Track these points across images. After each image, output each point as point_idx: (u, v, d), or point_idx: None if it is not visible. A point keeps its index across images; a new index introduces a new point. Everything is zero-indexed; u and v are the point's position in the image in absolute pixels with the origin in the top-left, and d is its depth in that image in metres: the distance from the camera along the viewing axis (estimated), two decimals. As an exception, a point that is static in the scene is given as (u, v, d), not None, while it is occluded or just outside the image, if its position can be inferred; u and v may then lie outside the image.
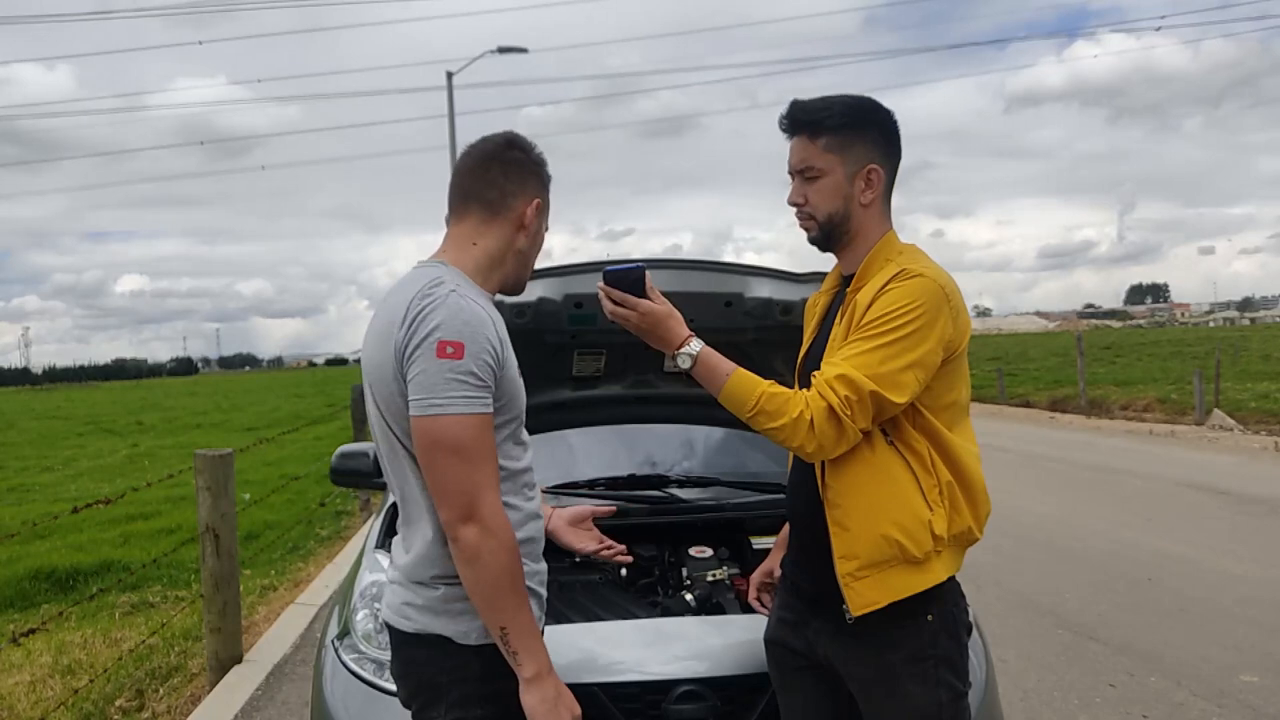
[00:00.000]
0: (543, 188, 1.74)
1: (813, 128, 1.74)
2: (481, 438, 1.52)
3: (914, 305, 1.62)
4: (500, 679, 1.60)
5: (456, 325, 1.51)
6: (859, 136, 1.74)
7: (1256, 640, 4.39)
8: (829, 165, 1.73)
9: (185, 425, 22.42)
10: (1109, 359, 27.64)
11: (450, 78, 19.91)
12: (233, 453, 4.32)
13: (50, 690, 4.07)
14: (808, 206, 1.76)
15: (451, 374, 1.49)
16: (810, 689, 1.84)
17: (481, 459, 1.52)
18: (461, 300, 1.54)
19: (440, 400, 1.49)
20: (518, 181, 1.70)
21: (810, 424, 1.59)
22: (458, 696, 1.59)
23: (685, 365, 1.69)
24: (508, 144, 1.73)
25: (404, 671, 1.67)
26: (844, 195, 1.74)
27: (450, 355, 1.49)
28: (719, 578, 2.41)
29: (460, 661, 1.59)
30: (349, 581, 2.51)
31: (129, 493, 6.00)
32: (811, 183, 1.75)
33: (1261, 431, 12.55)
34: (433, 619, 1.60)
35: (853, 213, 1.75)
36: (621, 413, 3.16)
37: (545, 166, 1.76)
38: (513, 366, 1.64)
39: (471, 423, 1.51)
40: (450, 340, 1.49)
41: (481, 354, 1.52)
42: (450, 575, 1.60)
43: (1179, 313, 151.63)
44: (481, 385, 1.52)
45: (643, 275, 1.71)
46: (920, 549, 1.63)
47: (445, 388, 1.49)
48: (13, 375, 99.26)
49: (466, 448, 1.50)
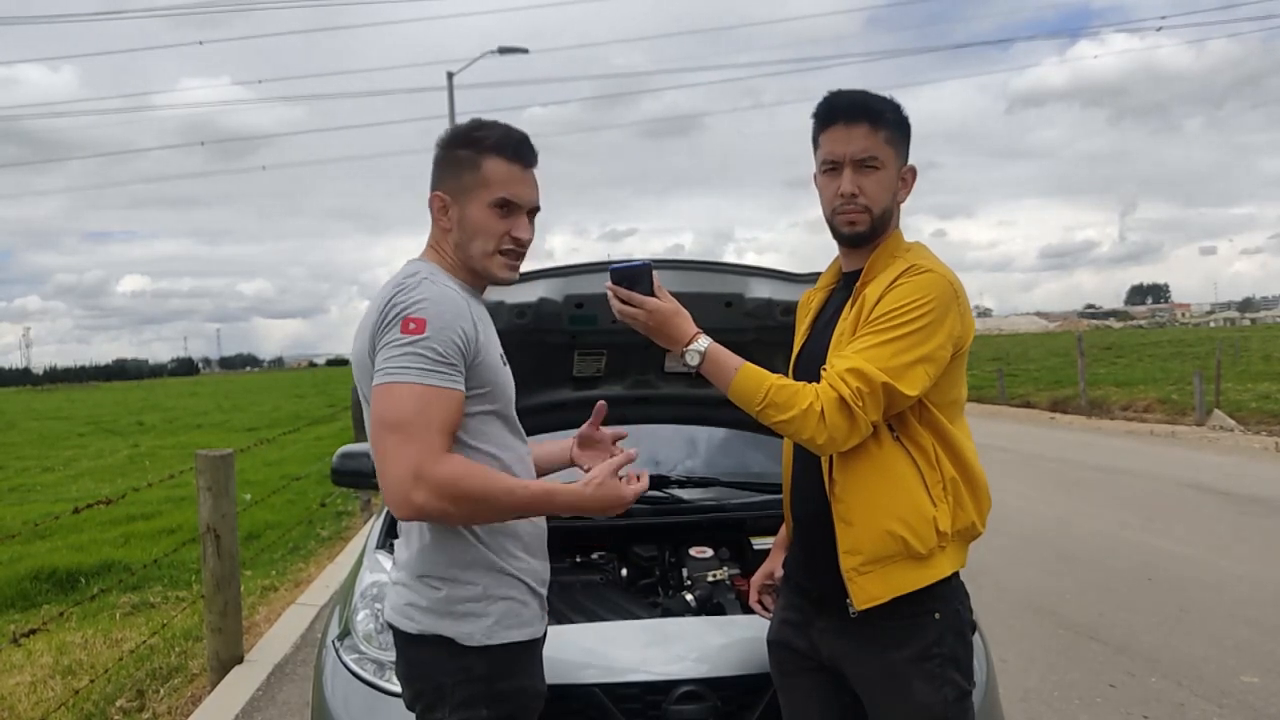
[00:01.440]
0: (453, 174, 1.66)
1: (876, 118, 1.70)
2: (428, 409, 1.50)
3: (925, 300, 1.62)
4: (505, 679, 1.61)
5: (424, 305, 1.53)
6: (904, 135, 1.75)
7: (1257, 641, 4.38)
8: (888, 159, 1.71)
9: (186, 425, 22.43)
10: (1109, 359, 27.65)
11: (451, 78, 19.92)
12: (233, 453, 4.33)
13: (51, 690, 4.08)
14: (863, 198, 1.71)
15: (411, 347, 1.51)
16: (813, 690, 1.84)
17: (425, 429, 1.49)
18: (433, 285, 1.56)
19: (394, 369, 1.51)
20: (431, 185, 1.70)
21: (821, 415, 1.58)
22: (462, 697, 1.59)
23: (694, 362, 1.68)
24: (437, 141, 1.72)
25: (408, 673, 1.67)
26: (892, 190, 1.74)
27: (412, 331, 1.51)
28: (719, 578, 2.42)
29: (464, 663, 1.59)
30: (350, 582, 2.51)
31: (130, 493, 6.01)
32: (869, 174, 1.71)
33: (1262, 432, 12.55)
34: (436, 620, 1.60)
35: (894, 210, 1.75)
36: (622, 413, 3.16)
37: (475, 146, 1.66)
38: (493, 355, 1.63)
39: (420, 392, 1.50)
40: (414, 317, 1.52)
41: (446, 332, 1.52)
42: (450, 576, 1.60)
43: (1179, 313, 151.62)
44: (442, 361, 1.52)
45: (650, 273, 1.71)
46: (925, 545, 1.64)
47: (401, 359, 1.51)
48: (13, 375, 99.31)
49: (407, 417, 1.48)
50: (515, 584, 1.65)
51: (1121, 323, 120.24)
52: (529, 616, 1.66)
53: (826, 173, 1.75)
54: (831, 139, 1.72)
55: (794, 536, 1.91)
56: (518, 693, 1.63)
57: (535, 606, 1.68)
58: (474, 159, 1.65)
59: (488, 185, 1.65)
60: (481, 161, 1.65)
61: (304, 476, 9.60)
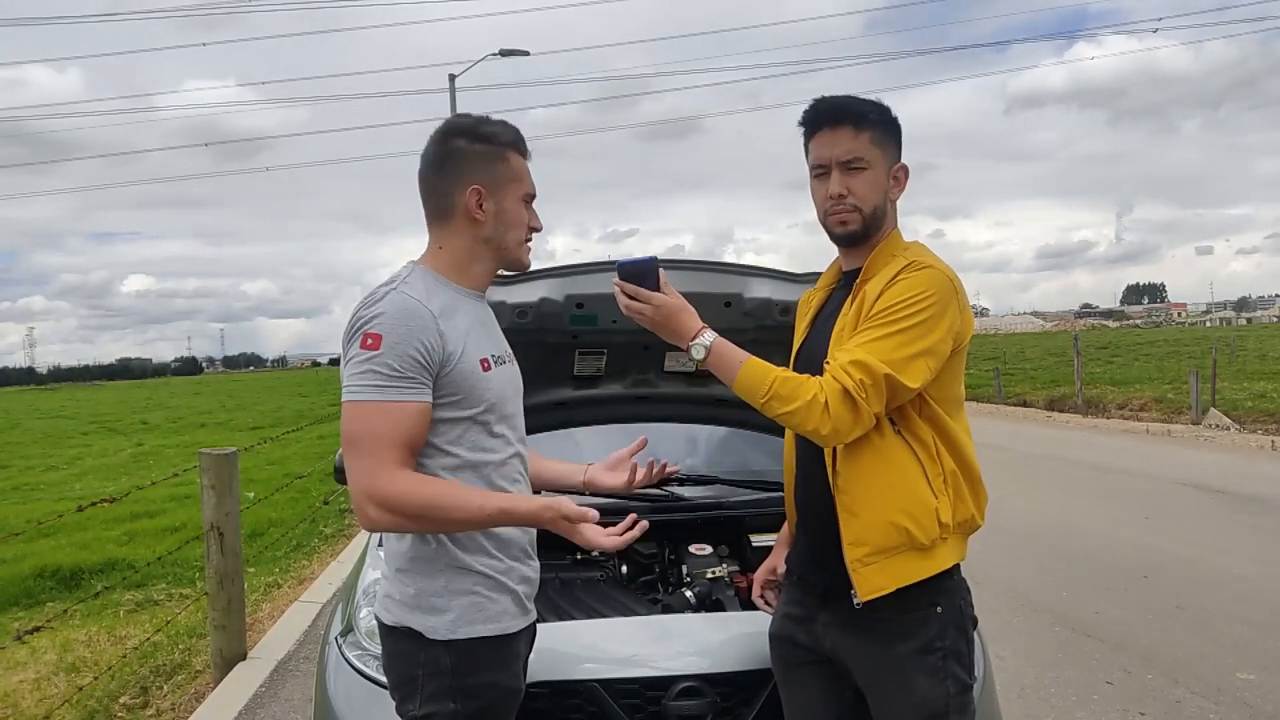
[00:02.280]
0: (488, 165, 1.68)
1: (859, 119, 1.74)
2: (378, 425, 1.54)
3: (925, 294, 1.65)
4: (471, 674, 1.63)
5: (383, 319, 1.55)
6: (892, 135, 1.78)
7: (1253, 638, 4.41)
8: (874, 159, 1.75)
9: (190, 424, 22.46)
10: (1106, 359, 27.66)
11: (453, 80, 19.94)
12: (237, 452, 4.36)
13: (55, 687, 4.10)
14: (852, 198, 1.75)
15: (367, 364, 1.54)
16: (815, 684, 1.86)
17: (375, 443, 1.54)
18: (399, 296, 1.58)
19: (351, 387, 1.55)
20: (452, 177, 1.67)
21: (825, 406, 1.61)
22: (431, 690, 1.62)
23: (699, 356, 1.70)
24: (442, 138, 1.70)
25: (388, 664, 1.71)
26: (883, 190, 1.77)
27: (369, 346, 1.54)
28: (719, 575, 2.44)
29: (432, 655, 1.62)
30: (352, 579, 2.53)
31: (134, 491, 6.05)
32: (856, 174, 1.74)
33: (1258, 430, 12.58)
34: (406, 613, 1.64)
35: (887, 209, 1.78)
36: (622, 412, 3.19)
37: (492, 139, 1.69)
38: (469, 361, 1.63)
39: (370, 410, 1.54)
40: (372, 332, 1.55)
41: (402, 345, 1.54)
42: (416, 570, 1.64)
43: (1175, 312, 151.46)
44: (396, 376, 1.54)
45: (656, 269, 1.73)
46: (928, 536, 1.67)
47: (358, 376, 1.55)
48: (18, 375, 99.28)
49: (358, 435, 1.54)
50: (481, 579, 1.65)
51: (1117, 322, 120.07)
52: (495, 612, 1.66)
53: (817, 177, 1.79)
54: (818, 144, 1.77)
55: (797, 530, 1.94)
56: (487, 688, 1.64)
57: (506, 603, 1.68)
58: (499, 153, 1.69)
59: (519, 179, 1.71)
60: (508, 156, 1.70)
61: (307, 475, 9.63)
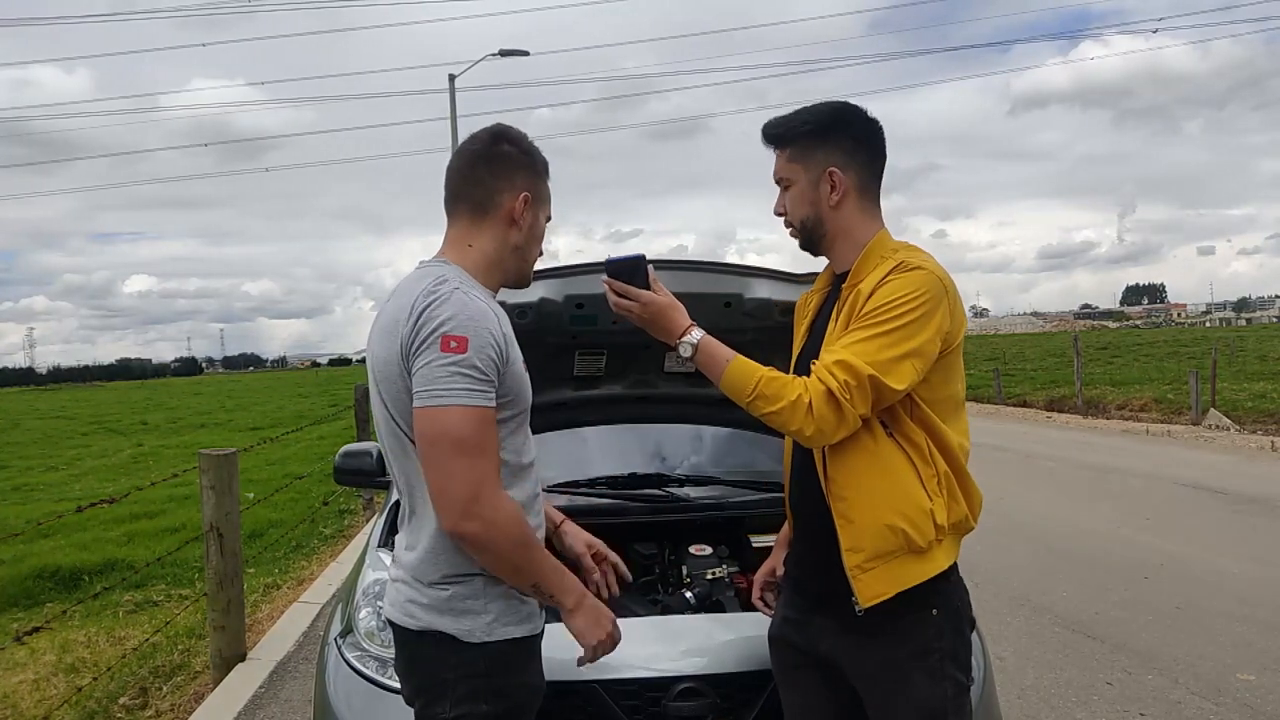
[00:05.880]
0: (534, 178, 1.74)
1: (779, 141, 1.84)
2: (482, 431, 1.54)
3: (914, 295, 1.65)
4: (505, 675, 1.63)
5: (461, 321, 1.54)
6: (820, 144, 1.80)
7: (1253, 638, 4.41)
8: (794, 174, 1.82)
9: (189, 425, 22.48)
10: (1105, 359, 27.69)
11: (453, 80, 19.94)
12: (237, 452, 4.35)
13: (54, 688, 4.10)
14: (786, 214, 1.86)
15: (455, 367, 1.53)
16: (814, 686, 1.86)
17: (481, 452, 1.54)
18: (465, 297, 1.58)
19: (442, 391, 1.53)
20: (504, 177, 1.70)
21: (809, 407, 1.62)
22: (464, 692, 1.61)
23: (686, 354, 1.73)
24: (493, 139, 1.73)
25: (409, 669, 1.69)
26: (810, 200, 1.81)
27: (454, 350, 1.53)
28: (718, 575, 2.43)
29: (466, 658, 1.62)
30: (352, 579, 2.53)
31: (133, 492, 6.04)
32: (785, 192, 1.85)
33: (1258, 431, 12.58)
34: (438, 617, 1.63)
35: (824, 216, 1.81)
36: (622, 412, 3.19)
37: (536, 156, 1.75)
38: (517, 362, 1.66)
39: (473, 415, 1.53)
40: (454, 335, 1.53)
41: (485, 349, 1.55)
42: (457, 575, 1.62)
43: (1175, 313, 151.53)
44: (484, 380, 1.54)
45: (645, 266, 1.74)
46: (924, 538, 1.67)
47: (448, 380, 1.52)
48: (17, 375, 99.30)
49: (467, 440, 1.52)
50: None
51: (1117, 323, 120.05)
52: (527, 613, 1.68)
53: None
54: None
55: (795, 534, 1.94)
56: (518, 688, 1.65)
57: (533, 603, 1.70)
58: (543, 172, 1.76)
59: (549, 201, 1.79)
60: (546, 177, 1.77)
61: (306, 475, 9.62)
